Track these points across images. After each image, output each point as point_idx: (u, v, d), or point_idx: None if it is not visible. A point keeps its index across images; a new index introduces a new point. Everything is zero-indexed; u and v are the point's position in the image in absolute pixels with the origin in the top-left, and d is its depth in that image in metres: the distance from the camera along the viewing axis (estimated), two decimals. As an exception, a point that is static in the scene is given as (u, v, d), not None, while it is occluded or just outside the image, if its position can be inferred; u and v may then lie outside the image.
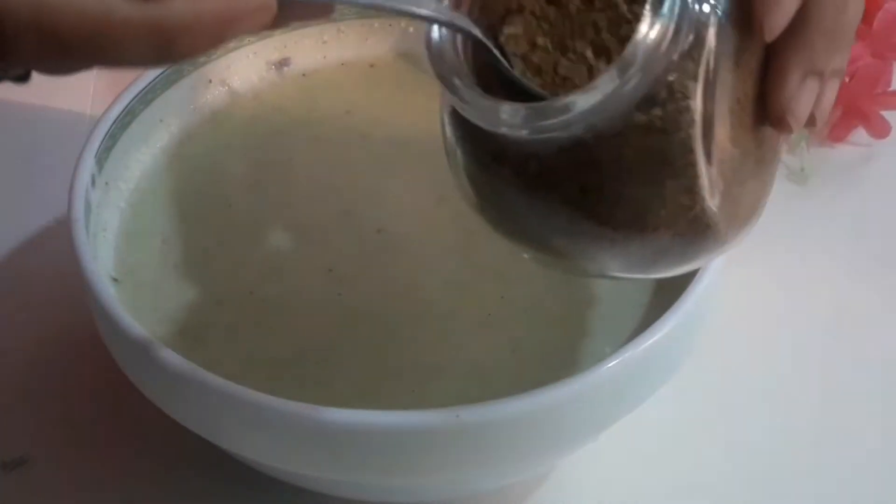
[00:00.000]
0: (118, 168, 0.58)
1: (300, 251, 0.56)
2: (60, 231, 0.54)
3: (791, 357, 0.62)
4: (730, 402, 0.59)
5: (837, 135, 0.71)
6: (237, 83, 0.62)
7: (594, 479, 0.56)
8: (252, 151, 0.61)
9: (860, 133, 0.71)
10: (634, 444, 0.57)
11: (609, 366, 0.47)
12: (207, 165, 0.60)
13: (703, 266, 0.49)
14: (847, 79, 0.68)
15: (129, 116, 0.58)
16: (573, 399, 0.47)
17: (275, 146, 0.61)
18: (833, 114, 0.69)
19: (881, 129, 0.71)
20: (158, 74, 0.59)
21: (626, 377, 0.48)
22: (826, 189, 0.69)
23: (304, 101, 0.62)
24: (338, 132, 0.61)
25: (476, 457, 0.47)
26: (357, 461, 0.47)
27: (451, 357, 0.52)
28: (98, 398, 0.59)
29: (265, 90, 0.63)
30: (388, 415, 0.46)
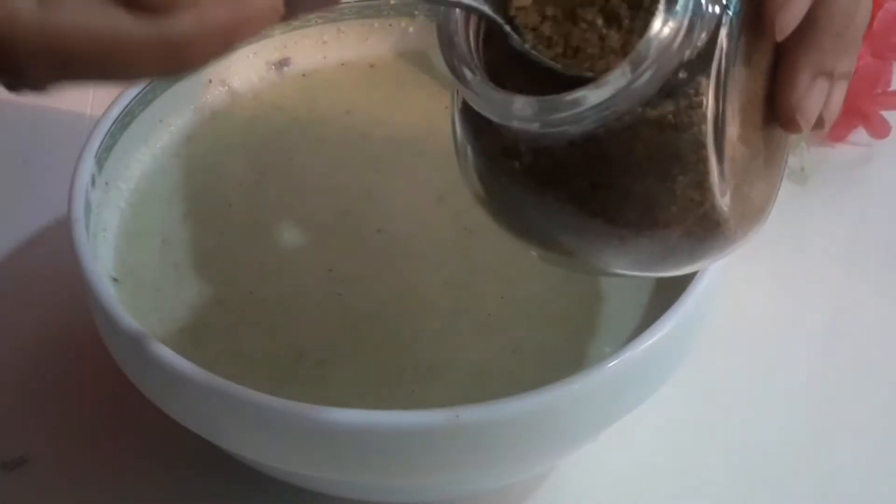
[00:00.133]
0: (118, 168, 0.58)
1: (300, 251, 0.56)
2: (60, 231, 0.54)
3: (791, 357, 0.62)
4: (729, 402, 0.59)
5: (837, 135, 0.71)
6: (237, 83, 0.62)
7: (594, 479, 0.56)
8: (252, 151, 0.61)
9: (860, 133, 0.71)
10: (634, 445, 0.57)
11: (609, 366, 0.47)
12: (207, 165, 0.60)
13: (707, 266, 0.49)
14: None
15: (129, 116, 0.58)
16: (573, 399, 0.47)
17: (275, 146, 0.61)
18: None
19: (881, 129, 0.71)
20: (158, 74, 0.59)
21: (626, 377, 0.48)
22: (826, 189, 0.69)
23: (304, 101, 0.62)
24: (338, 132, 0.61)
25: (476, 457, 0.47)
26: (357, 461, 0.47)
27: (451, 357, 0.52)
28: (98, 398, 0.59)
29: (265, 90, 0.63)
30: (388, 415, 0.46)
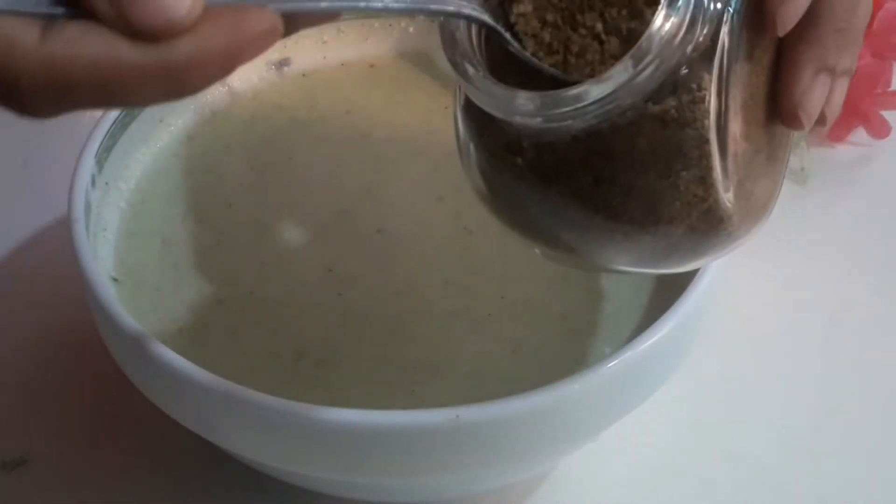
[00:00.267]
0: (118, 168, 0.58)
1: (300, 251, 0.56)
2: (60, 231, 0.54)
3: (791, 357, 0.62)
4: (729, 402, 0.59)
5: (837, 135, 0.71)
6: (237, 83, 0.62)
7: (594, 479, 0.56)
8: (252, 151, 0.61)
9: (860, 133, 0.71)
10: (634, 444, 0.57)
11: (609, 366, 0.47)
12: (207, 165, 0.60)
13: (706, 265, 0.49)
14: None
15: (129, 116, 0.58)
16: (573, 399, 0.47)
17: (275, 146, 0.61)
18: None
19: (881, 129, 0.71)
20: (158, 74, 0.59)
21: (626, 377, 0.48)
22: (826, 189, 0.69)
23: (304, 101, 0.62)
24: (338, 132, 0.61)
25: (475, 457, 0.47)
26: (357, 461, 0.47)
27: (451, 357, 0.52)
28: (98, 398, 0.59)
29: (265, 90, 0.63)
30: (388, 415, 0.46)
